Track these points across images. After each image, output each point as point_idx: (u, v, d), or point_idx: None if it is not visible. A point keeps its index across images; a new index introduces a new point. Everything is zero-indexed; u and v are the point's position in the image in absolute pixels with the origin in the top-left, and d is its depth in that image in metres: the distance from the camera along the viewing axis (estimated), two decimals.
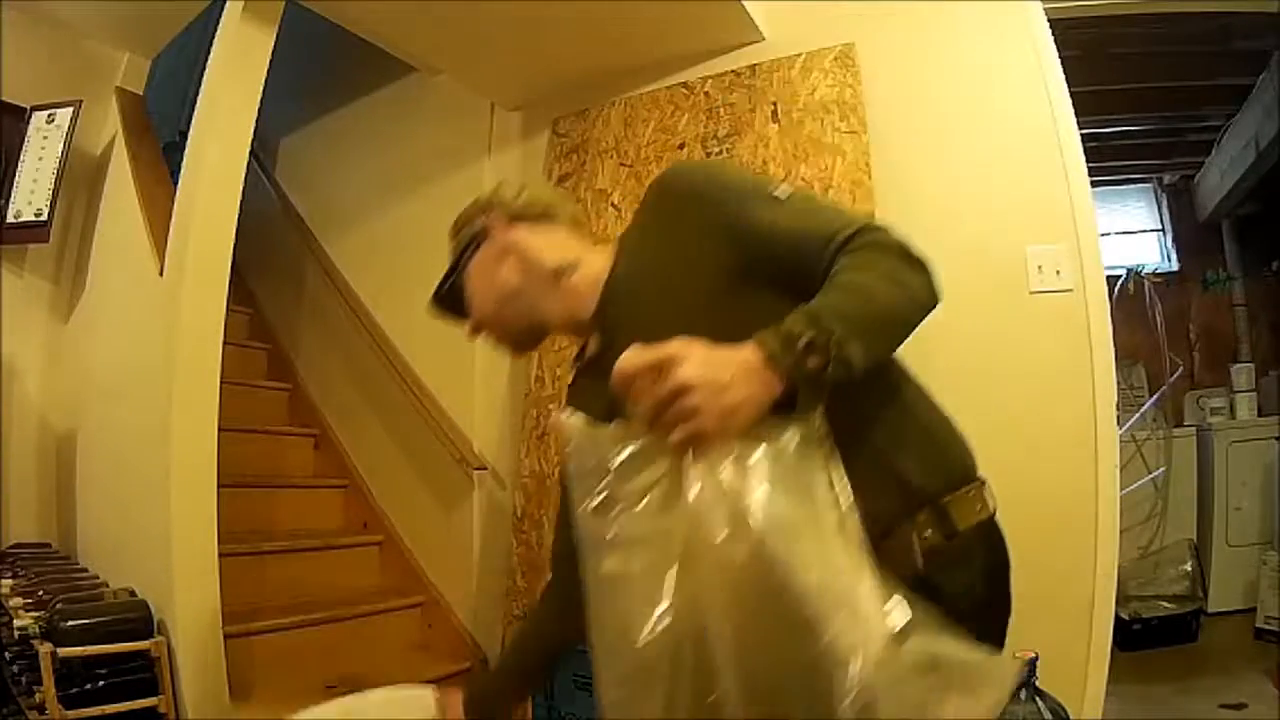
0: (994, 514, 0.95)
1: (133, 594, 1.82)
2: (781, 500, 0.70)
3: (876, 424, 0.90)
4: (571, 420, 0.78)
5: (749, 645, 0.69)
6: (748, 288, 0.89)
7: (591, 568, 0.77)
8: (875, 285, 0.81)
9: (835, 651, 0.66)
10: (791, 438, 0.73)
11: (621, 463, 0.75)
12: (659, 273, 0.96)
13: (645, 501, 0.74)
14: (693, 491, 0.70)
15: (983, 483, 0.95)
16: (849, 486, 0.75)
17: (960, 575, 0.89)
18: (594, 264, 1.05)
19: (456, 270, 1.13)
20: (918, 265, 0.84)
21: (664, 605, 0.70)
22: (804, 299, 0.80)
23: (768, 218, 0.90)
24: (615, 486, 0.75)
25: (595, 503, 0.75)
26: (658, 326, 0.84)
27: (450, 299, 1.15)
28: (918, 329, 0.85)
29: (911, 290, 0.83)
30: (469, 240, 1.12)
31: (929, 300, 0.85)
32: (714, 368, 0.72)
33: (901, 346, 0.87)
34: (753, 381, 0.73)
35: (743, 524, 0.69)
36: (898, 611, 0.69)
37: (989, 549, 0.94)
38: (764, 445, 0.72)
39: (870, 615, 0.68)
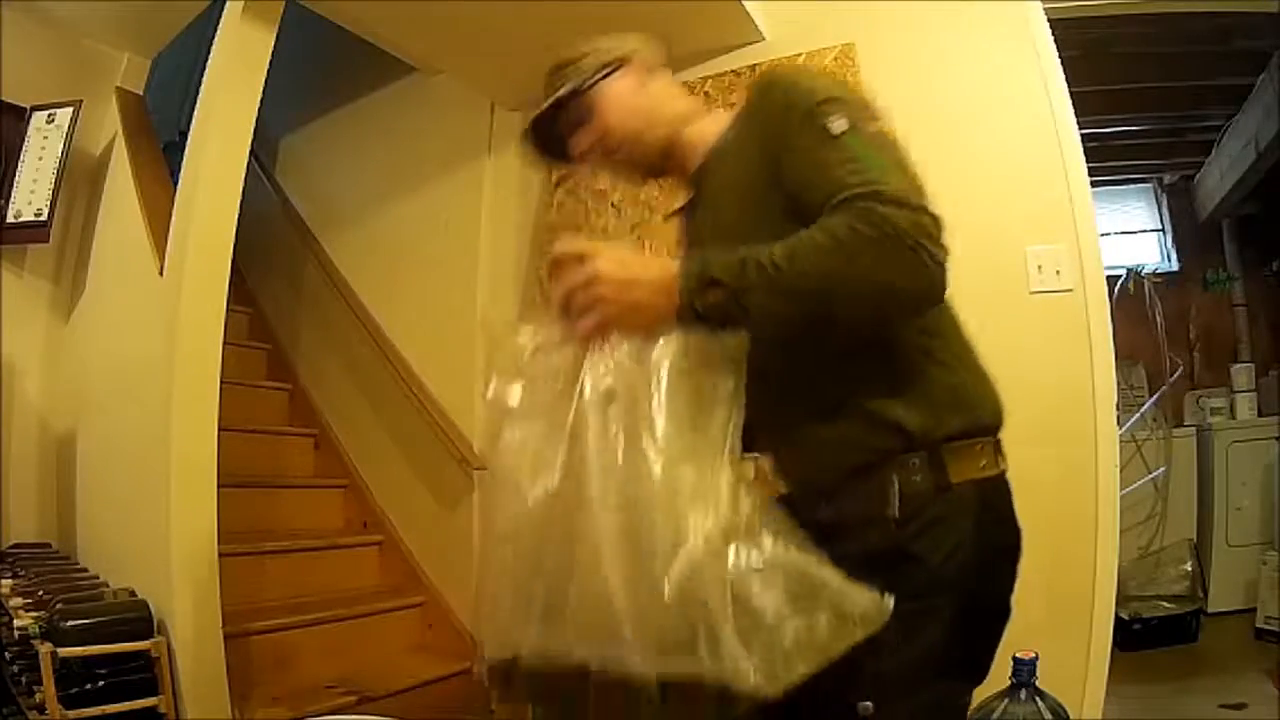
0: (1002, 473, 0.92)
1: (133, 594, 1.82)
2: (664, 398, 0.78)
3: (882, 362, 0.90)
4: (493, 317, 0.87)
5: (614, 529, 0.76)
6: (773, 206, 0.90)
7: (497, 438, 0.87)
8: (823, 252, 0.79)
9: (679, 535, 0.73)
10: (692, 349, 0.80)
11: (532, 353, 0.87)
12: (729, 165, 1.01)
13: (548, 384, 0.84)
14: (587, 378, 0.80)
15: (996, 441, 0.93)
16: (738, 414, 0.80)
17: (943, 540, 0.85)
18: (707, 126, 1.08)
19: (583, 90, 1.11)
20: (902, 248, 0.78)
21: (554, 471, 0.80)
22: None
23: (804, 150, 0.88)
24: (524, 371, 0.87)
25: (508, 386, 0.88)
26: (717, 210, 0.99)
27: (546, 129, 1.17)
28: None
29: (863, 270, 0.78)
30: (608, 62, 1.13)
31: (891, 284, 0.80)
32: (627, 268, 0.83)
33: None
34: (658, 292, 0.82)
35: (623, 410, 0.78)
36: (754, 511, 0.76)
37: (985, 509, 0.88)
38: (660, 346, 0.80)
39: (722, 509, 0.75)
